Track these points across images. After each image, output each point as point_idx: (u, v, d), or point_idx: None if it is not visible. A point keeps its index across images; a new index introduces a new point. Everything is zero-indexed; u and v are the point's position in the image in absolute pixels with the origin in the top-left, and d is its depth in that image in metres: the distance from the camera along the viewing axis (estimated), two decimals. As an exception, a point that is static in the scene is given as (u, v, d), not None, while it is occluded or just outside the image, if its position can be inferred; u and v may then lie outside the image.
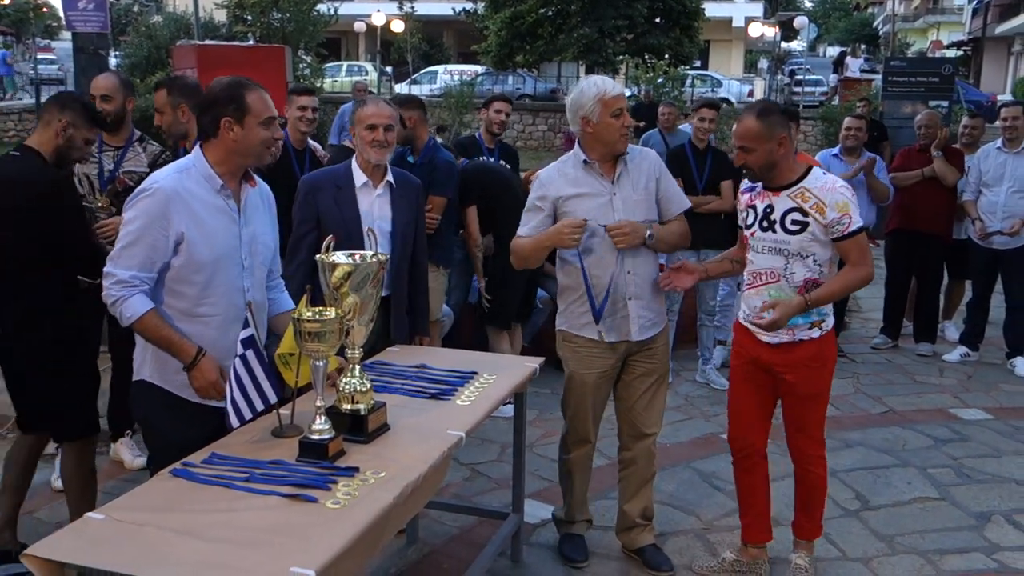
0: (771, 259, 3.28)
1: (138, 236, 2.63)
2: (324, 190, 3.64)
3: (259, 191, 2.91)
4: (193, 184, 2.71)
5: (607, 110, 3.30)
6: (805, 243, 3.21)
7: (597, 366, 3.51)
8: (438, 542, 3.83)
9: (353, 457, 2.52)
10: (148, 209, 2.63)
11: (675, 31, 26.09)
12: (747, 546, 3.60)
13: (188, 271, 2.69)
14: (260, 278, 2.91)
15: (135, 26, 24.56)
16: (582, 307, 3.47)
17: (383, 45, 35.81)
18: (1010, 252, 6.19)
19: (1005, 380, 6.17)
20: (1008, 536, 3.95)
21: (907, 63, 13.26)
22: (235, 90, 2.72)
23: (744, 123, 3.23)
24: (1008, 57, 35.45)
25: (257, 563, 1.96)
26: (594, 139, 3.37)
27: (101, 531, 2.08)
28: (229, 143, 2.72)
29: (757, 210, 3.34)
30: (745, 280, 3.45)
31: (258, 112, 2.72)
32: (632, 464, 3.65)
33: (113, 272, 2.64)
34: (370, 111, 3.58)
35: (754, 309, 3.33)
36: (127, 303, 2.62)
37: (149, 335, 2.68)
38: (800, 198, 3.23)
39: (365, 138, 3.56)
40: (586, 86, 3.36)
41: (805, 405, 3.40)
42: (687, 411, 5.48)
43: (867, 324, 7.57)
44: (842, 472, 4.57)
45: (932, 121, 6.57)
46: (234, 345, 2.67)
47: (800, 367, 3.32)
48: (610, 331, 3.46)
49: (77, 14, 7.74)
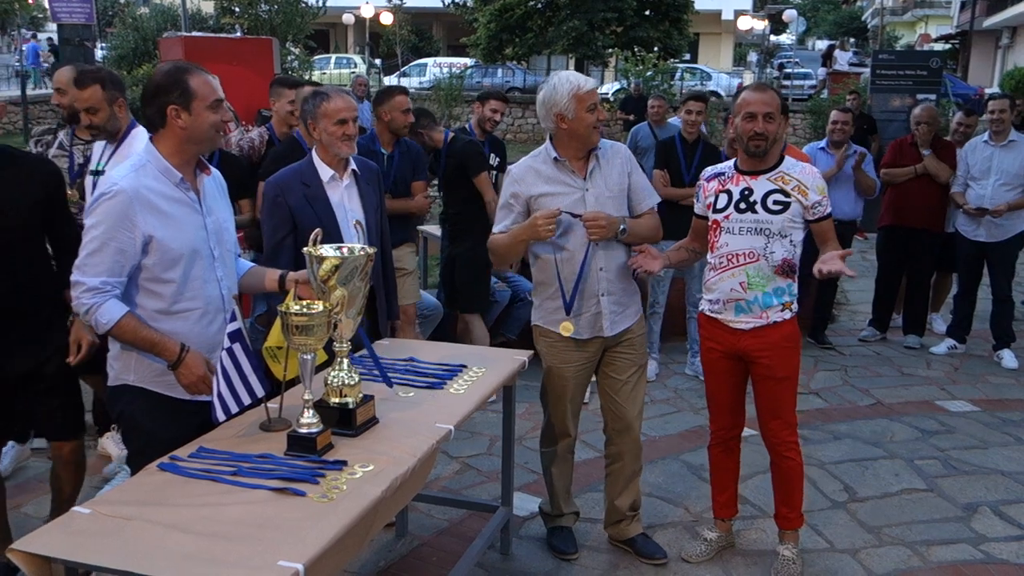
0: (750, 239, 3.34)
1: (103, 242, 2.55)
2: (292, 190, 3.52)
3: (213, 178, 2.85)
4: (152, 181, 2.62)
5: (582, 105, 3.28)
6: (786, 223, 3.32)
7: (573, 359, 3.51)
8: (427, 535, 3.83)
9: (341, 451, 2.51)
10: (110, 212, 2.55)
11: (664, 24, 26.11)
12: (724, 520, 3.73)
13: (161, 269, 2.63)
14: (231, 266, 2.87)
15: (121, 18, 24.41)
16: (555, 302, 3.46)
17: (372, 37, 35.71)
18: (995, 245, 6.22)
19: (992, 372, 6.21)
20: (995, 527, 3.98)
21: (895, 56, 13.22)
22: (178, 75, 2.62)
23: (767, 93, 3.34)
24: (996, 50, 35.55)
25: (245, 557, 1.96)
26: (569, 135, 3.34)
27: (88, 525, 2.07)
28: (179, 131, 2.64)
29: (732, 194, 3.39)
30: (712, 264, 3.45)
31: (204, 96, 2.64)
32: (619, 459, 3.66)
33: (82, 280, 2.57)
34: (340, 104, 3.47)
35: (728, 292, 3.38)
36: (101, 309, 2.56)
37: (128, 338, 2.62)
38: (781, 180, 3.35)
39: (335, 133, 3.46)
40: (558, 82, 3.32)
41: (781, 386, 3.45)
42: (676, 404, 5.49)
43: (855, 317, 7.59)
44: (830, 464, 4.59)
45: (931, 117, 6.52)
46: (216, 337, 2.66)
47: (777, 348, 3.39)
48: (583, 328, 3.45)
49: (62, 5, 7.68)
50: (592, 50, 25.18)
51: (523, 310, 6.01)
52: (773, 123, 3.29)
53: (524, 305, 6.02)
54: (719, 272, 3.42)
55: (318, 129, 3.50)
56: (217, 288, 2.77)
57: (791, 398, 3.50)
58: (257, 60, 5.91)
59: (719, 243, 3.41)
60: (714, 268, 3.44)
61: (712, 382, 3.60)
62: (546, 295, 3.51)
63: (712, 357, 3.54)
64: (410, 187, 5.02)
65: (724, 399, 3.58)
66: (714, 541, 3.70)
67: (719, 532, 3.73)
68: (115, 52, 20.31)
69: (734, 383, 3.54)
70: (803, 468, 3.57)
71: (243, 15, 20.76)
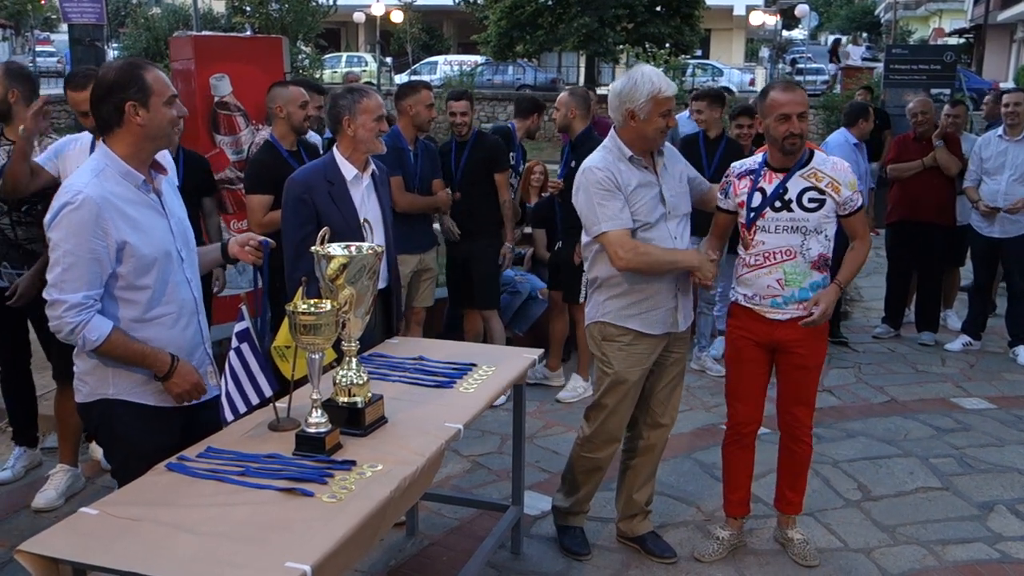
0: (787, 237, 3.37)
1: (77, 256, 2.43)
2: (317, 188, 3.49)
3: (168, 177, 2.77)
4: (114, 185, 2.52)
5: (658, 108, 3.24)
6: (822, 219, 3.36)
7: (643, 362, 3.43)
8: (438, 534, 3.82)
9: (350, 450, 2.50)
10: (78, 223, 2.42)
11: (675, 20, 25.97)
12: (736, 519, 3.72)
13: (136, 276, 2.54)
14: (196, 266, 2.80)
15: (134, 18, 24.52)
16: (625, 299, 3.38)
17: (383, 35, 35.71)
18: (1010, 240, 6.15)
19: (1007, 369, 6.14)
20: (1011, 526, 3.93)
21: (908, 51, 13.13)
22: (132, 71, 2.53)
23: (797, 92, 3.37)
24: (1010, 44, 35.29)
25: (252, 558, 1.94)
26: (635, 133, 3.30)
27: (95, 527, 2.06)
28: (137, 129, 2.53)
29: (766, 192, 3.38)
30: (747, 262, 3.45)
31: (160, 91, 2.54)
32: (649, 452, 3.64)
33: (62, 299, 2.43)
34: (376, 102, 3.50)
35: (765, 288, 3.40)
36: (88, 327, 2.46)
37: (118, 353, 2.53)
38: (814, 178, 3.37)
39: (373, 129, 3.48)
40: (640, 79, 3.26)
41: (811, 375, 3.53)
42: (688, 402, 5.45)
43: (868, 314, 7.54)
44: (844, 462, 4.55)
45: (927, 108, 6.50)
46: (192, 340, 2.63)
47: (810, 339, 3.43)
48: (657, 323, 3.40)
49: (73, 5, 7.69)
50: (603, 47, 25.09)
51: (535, 307, 6.00)
52: (806, 121, 3.32)
53: (536, 303, 6.00)
54: (755, 269, 3.42)
55: (354, 125, 3.49)
56: (189, 290, 2.71)
57: (816, 385, 3.62)
58: (267, 59, 5.88)
59: (755, 240, 3.41)
60: (749, 265, 3.44)
61: (737, 371, 3.57)
62: (614, 292, 3.40)
63: (742, 346, 3.52)
64: (431, 185, 5.00)
65: (747, 389, 3.56)
66: (726, 540, 3.67)
67: (731, 530, 3.70)
68: (127, 52, 20.41)
69: (760, 373, 3.55)
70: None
71: (254, 14, 20.81)
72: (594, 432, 3.55)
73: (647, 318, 3.39)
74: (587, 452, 3.60)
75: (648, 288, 3.35)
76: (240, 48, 6.08)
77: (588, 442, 3.59)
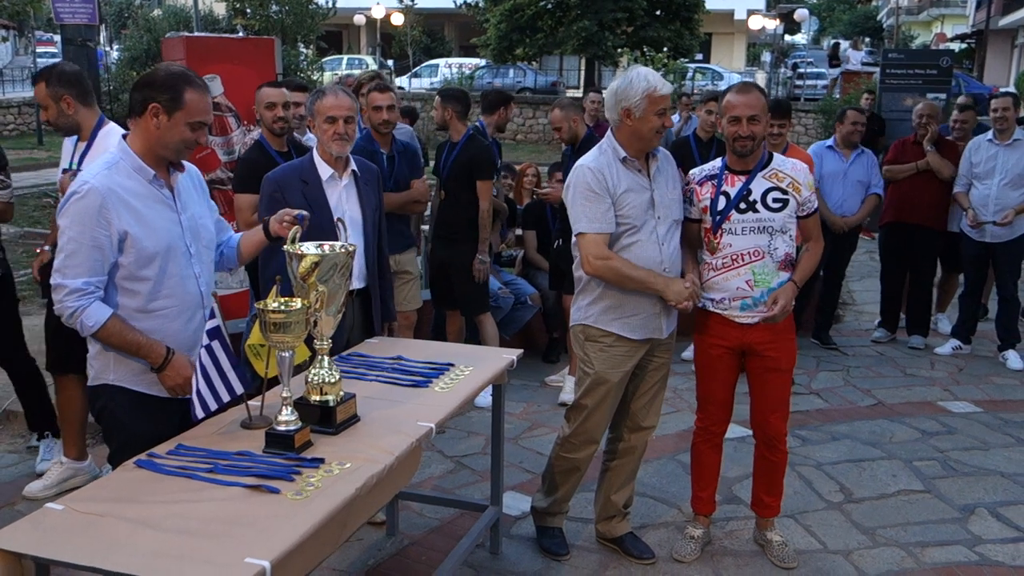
0: (754, 238, 3.38)
1: (79, 242, 2.53)
2: (291, 187, 3.51)
3: (189, 175, 2.85)
4: (124, 179, 2.61)
5: (653, 107, 3.24)
6: (786, 219, 3.40)
7: (623, 364, 3.43)
8: (418, 534, 3.82)
9: (320, 448, 2.51)
10: (83, 211, 2.53)
11: (675, 24, 26.03)
12: (706, 516, 3.77)
13: (138, 267, 2.62)
14: (208, 262, 2.87)
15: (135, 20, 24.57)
16: (607, 302, 3.38)
17: (383, 38, 35.77)
18: (1001, 245, 6.15)
19: (996, 373, 6.14)
20: (991, 529, 3.94)
21: (905, 55, 13.11)
22: (177, 81, 2.60)
23: (752, 94, 3.36)
24: (1012, 50, 35.26)
25: (213, 553, 1.95)
26: (631, 133, 3.29)
27: (59, 522, 2.07)
28: (150, 130, 2.61)
29: (730, 195, 3.40)
30: (714, 266, 3.45)
31: (191, 111, 2.61)
32: (629, 454, 3.65)
33: (64, 283, 2.54)
34: (329, 103, 3.47)
35: (734, 290, 3.41)
36: (87, 312, 2.55)
37: (114, 341, 2.62)
38: (775, 178, 3.41)
39: (326, 131, 3.48)
40: (635, 78, 3.26)
41: (783, 379, 3.56)
42: (674, 404, 5.45)
43: (860, 317, 7.54)
44: (827, 464, 4.55)
45: (933, 111, 6.49)
46: (195, 335, 2.65)
47: (780, 341, 3.47)
48: (639, 328, 3.40)
49: (65, 5, 7.71)
50: (602, 50, 25.13)
51: (523, 312, 6.00)
52: (758, 124, 3.31)
53: (524, 308, 6.00)
54: (723, 272, 3.42)
55: (315, 126, 3.54)
56: (195, 285, 2.77)
57: (788, 389, 3.62)
58: (259, 60, 5.89)
59: (721, 244, 3.41)
60: (716, 269, 3.43)
61: (711, 378, 3.59)
62: (595, 296, 3.40)
63: (715, 354, 3.53)
64: (410, 185, 4.99)
65: (721, 395, 3.61)
66: (700, 538, 3.70)
67: (703, 528, 3.74)
68: (128, 53, 20.44)
69: (729, 377, 3.58)
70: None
71: (254, 16, 20.85)
72: (573, 432, 3.56)
73: (629, 323, 3.39)
74: (566, 452, 3.61)
75: (630, 293, 3.36)
76: (232, 49, 6.08)
77: (567, 442, 3.60)
